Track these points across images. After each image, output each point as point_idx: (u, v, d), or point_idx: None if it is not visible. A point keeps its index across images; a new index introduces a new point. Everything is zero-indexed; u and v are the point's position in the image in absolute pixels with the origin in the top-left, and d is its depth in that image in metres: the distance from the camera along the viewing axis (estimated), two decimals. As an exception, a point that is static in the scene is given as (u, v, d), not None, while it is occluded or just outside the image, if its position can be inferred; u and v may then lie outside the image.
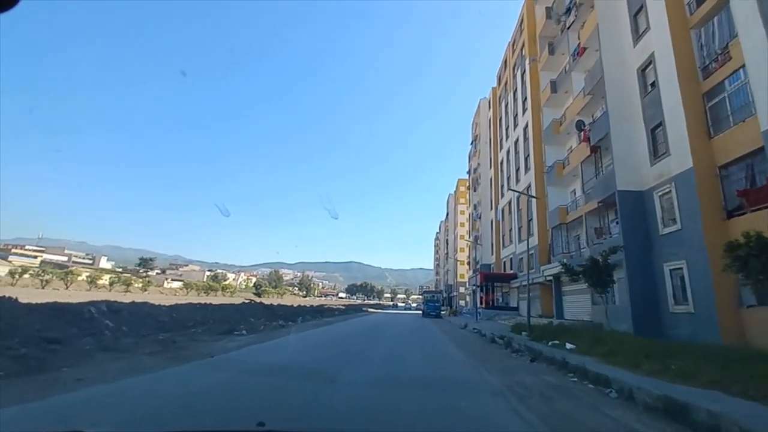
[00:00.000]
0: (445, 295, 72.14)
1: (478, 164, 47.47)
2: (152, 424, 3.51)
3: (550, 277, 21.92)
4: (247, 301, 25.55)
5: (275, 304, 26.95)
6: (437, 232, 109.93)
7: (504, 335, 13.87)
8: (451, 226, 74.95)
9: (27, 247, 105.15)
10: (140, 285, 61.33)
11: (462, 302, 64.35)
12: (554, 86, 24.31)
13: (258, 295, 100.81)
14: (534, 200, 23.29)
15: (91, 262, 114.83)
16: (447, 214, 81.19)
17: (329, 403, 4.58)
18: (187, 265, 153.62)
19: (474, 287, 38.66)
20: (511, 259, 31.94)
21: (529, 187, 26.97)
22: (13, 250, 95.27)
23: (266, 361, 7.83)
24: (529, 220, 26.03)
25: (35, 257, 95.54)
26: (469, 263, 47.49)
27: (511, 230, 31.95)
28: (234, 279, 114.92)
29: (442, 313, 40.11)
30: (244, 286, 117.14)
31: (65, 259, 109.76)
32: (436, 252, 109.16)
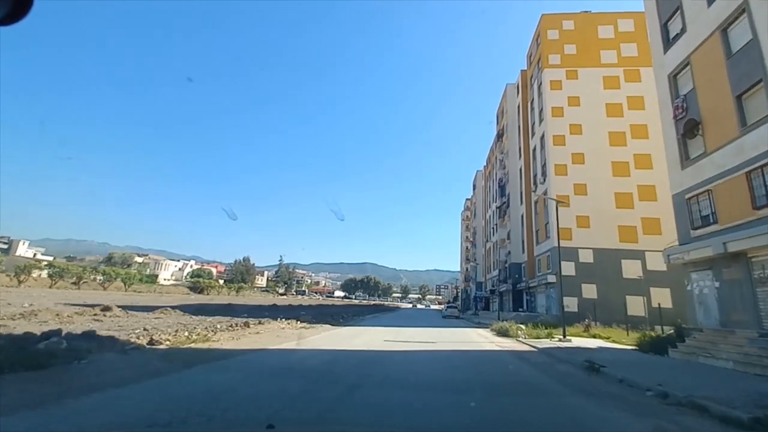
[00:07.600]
0: (506, 287, 38.02)
1: None
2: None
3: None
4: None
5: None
6: (467, 199, 75.71)
7: None
8: (513, 147, 40.84)
9: None
10: None
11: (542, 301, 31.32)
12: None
13: (196, 290, 67.27)
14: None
15: (6, 247, 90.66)
16: (499, 136, 46.89)
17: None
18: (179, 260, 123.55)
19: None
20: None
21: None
22: None
23: None
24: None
25: None
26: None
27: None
28: (179, 268, 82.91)
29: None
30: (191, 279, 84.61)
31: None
32: (466, 228, 74.97)
